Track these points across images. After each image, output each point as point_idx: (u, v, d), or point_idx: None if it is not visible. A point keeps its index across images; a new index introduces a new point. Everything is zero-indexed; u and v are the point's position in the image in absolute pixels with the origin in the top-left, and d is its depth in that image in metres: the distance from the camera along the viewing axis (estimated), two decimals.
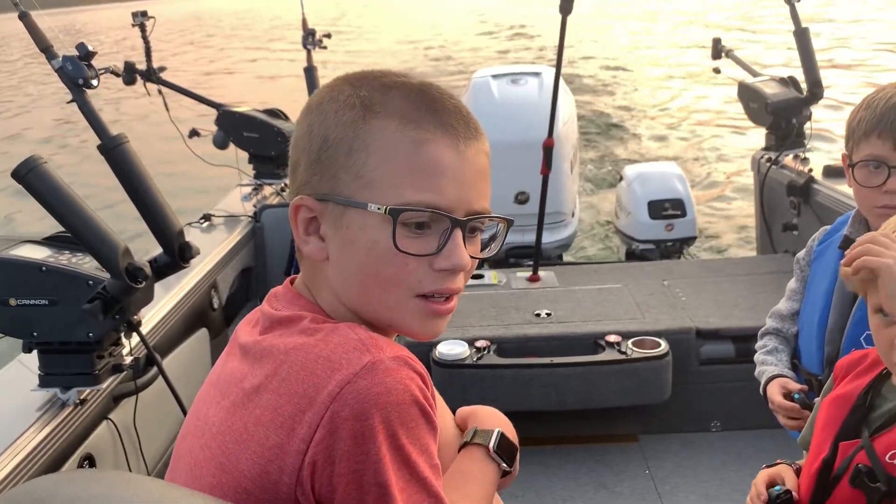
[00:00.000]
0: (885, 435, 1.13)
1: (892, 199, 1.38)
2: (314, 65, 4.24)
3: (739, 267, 3.50)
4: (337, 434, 0.80)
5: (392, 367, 0.83)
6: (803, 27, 3.68)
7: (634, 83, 14.38)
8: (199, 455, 0.90)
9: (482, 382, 2.71)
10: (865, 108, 1.41)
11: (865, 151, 1.40)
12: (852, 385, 1.23)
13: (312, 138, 0.93)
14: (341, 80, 0.96)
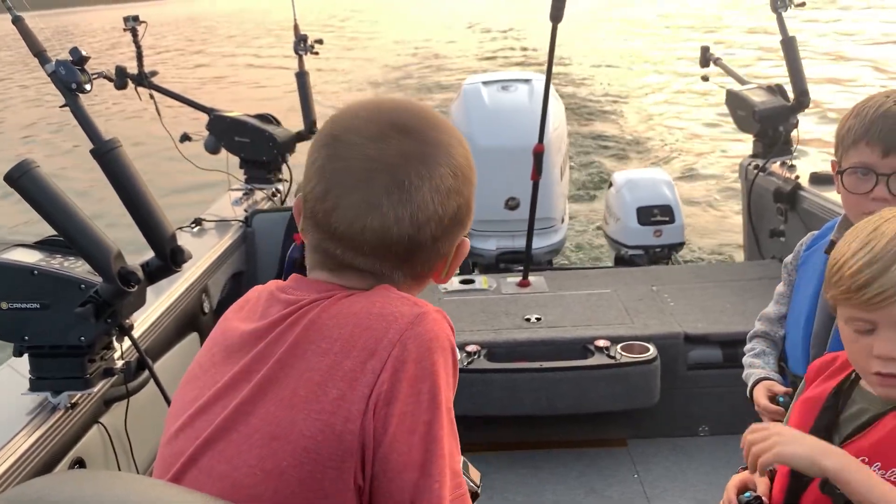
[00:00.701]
0: (856, 441, 1.13)
1: (879, 206, 1.40)
2: (306, 70, 4.25)
3: (727, 272, 3.54)
4: (397, 376, 0.87)
5: (437, 317, 0.93)
6: (790, 36, 3.73)
7: (624, 90, 14.46)
8: (225, 438, 0.91)
9: (472, 387, 2.73)
10: (855, 115, 1.43)
11: (854, 159, 1.42)
12: (822, 387, 1.24)
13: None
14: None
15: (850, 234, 1.13)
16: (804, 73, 3.71)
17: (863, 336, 1.10)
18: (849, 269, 1.08)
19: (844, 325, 1.13)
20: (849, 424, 1.17)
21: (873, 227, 1.10)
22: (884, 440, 1.10)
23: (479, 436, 2.94)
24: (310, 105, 4.23)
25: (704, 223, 6.97)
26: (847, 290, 1.08)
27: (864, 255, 1.07)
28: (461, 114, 4.54)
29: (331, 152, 0.96)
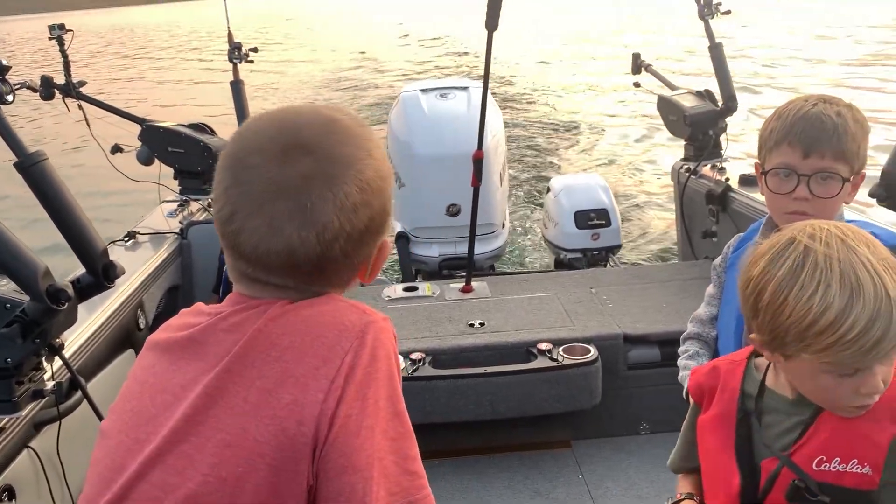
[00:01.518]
0: (804, 444, 1.14)
1: (801, 205, 1.45)
2: (241, 79, 4.19)
3: (663, 273, 3.63)
4: (348, 381, 0.90)
5: (385, 325, 0.97)
6: (717, 42, 3.85)
7: (561, 96, 14.70)
8: (174, 451, 0.91)
9: (418, 395, 2.72)
10: (777, 118, 1.48)
11: (776, 160, 1.47)
12: (723, 401, 1.23)
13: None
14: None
15: (802, 281, 1.02)
16: (731, 78, 3.84)
17: (845, 381, 1.06)
18: (850, 332, 0.99)
19: (819, 375, 1.07)
20: (781, 432, 1.17)
21: (838, 272, 1.01)
22: (834, 436, 1.11)
23: (423, 444, 2.93)
24: (245, 114, 4.17)
25: (640, 226, 7.14)
26: (854, 353, 1.01)
27: (862, 313, 0.99)
28: (400, 122, 4.55)
29: (233, 175, 0.96)
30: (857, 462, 1.10)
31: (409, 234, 4.49)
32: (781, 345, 1.07)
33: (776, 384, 1.20)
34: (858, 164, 1.44)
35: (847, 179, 1.44)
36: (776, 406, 1.18)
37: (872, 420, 1.10)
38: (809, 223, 1.10)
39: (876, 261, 1.02)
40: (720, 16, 3.88)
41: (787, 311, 1.03)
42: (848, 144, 1.41)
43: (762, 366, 1.23)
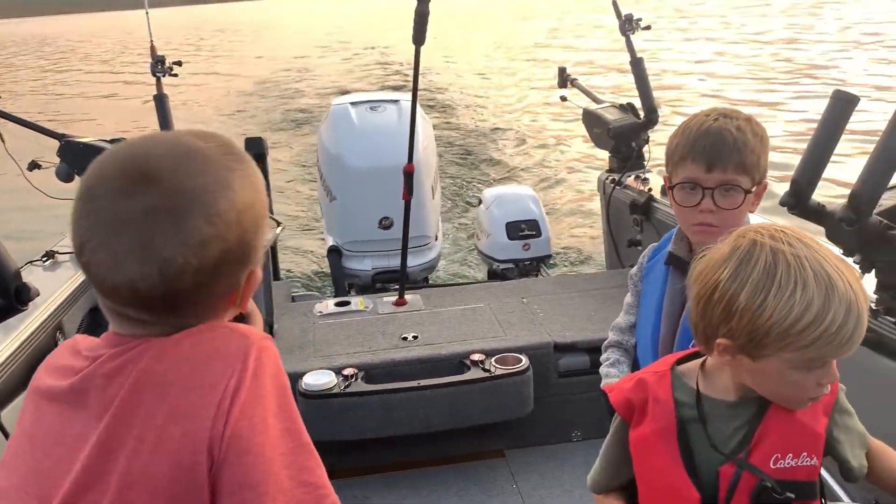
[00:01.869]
0: (756, 448, 1.15)
1: (707, 217, 1.51)
2: (164, 93, 4.10)
3: (591, 282, 3.71)
4: (234, 404, 0.91)
5: (265, 345, 0.98)
6: (638, 57, 3.97)
7: (492, 108, 14.89)
8: (81, 500, 0.92)
9: (351, 411, 2.71)
10: (680, 134, 1.54)
11: (682, 174, 1.53)
12: (659, 415, 1.23)
13: None
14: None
15: (777, 285, 1.05)
16: (652, 92, 3.97)
17: (811, 373, 1.10)
18: (832, 326, 1.04)
19: (789, 372, 1.10)
20: (725, 437, 1.18)
21: (811, 272, 1.05)
22: (782, 433, 1.15)
23: (357, 459, 2.92)
24: (170, 128, 4.07)
25: (570, 236, 7.28)
26: (837, 345, 1.05)
27: (840, 308, 1.04)
28: (330, 135, 4.53)
29: (82, 205, 0.95)
30: (806, 455, 1.15)
31: (341, 248, 4.47)
32: (759, 346, 1.08)
33: (710, 389, 1.21)
34: (759, 175, 1.51)
35: (749, 190, 1.50)
36: (715, 411, 1.19)
37: (810, 412, 1.16)
38: (759, 227, 1.13)
39: (832, 256, 1.09)
40: (640, 31, 4.01)
41: (768, 312, 1.05)
42: (748, 157, 1.48)
43: (689, 373, 1.25)
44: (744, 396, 1.18)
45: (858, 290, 1.07)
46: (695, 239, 1.56)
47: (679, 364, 1.27)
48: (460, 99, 16.02)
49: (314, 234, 7.43)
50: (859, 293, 1.06)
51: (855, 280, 1.07)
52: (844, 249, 2.04)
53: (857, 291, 1.06)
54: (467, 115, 14.18)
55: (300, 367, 2.86)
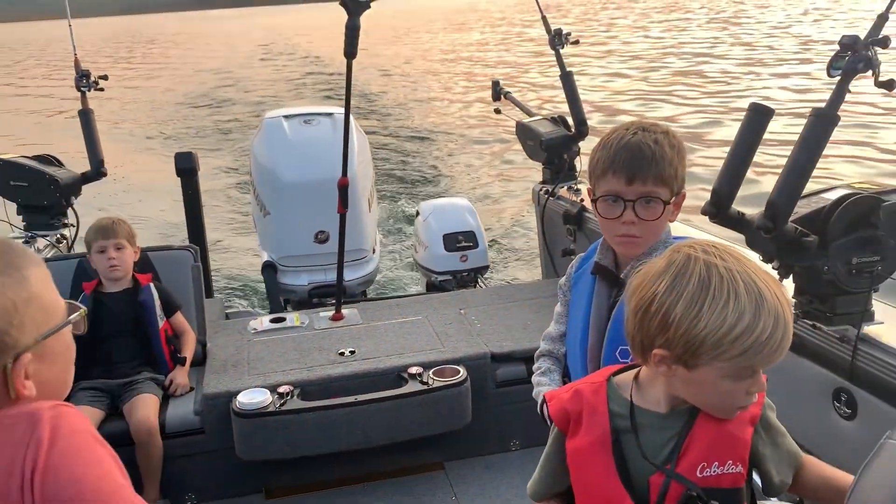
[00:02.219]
0: (684, 458, 1.19)
1: (629, 228, 1.55)
2: (90, 107, 3.99)
3: (527, 292, 3.75)
4: (34, 479, 0.94)
5: (58, 412, 1.00)
6: (568, 71, 4.05)
7: (428, 121, 14.95)
8: None
9: (286, 429, 2.67)
10: (601, 148, 1.58)
11: (604, 187, 1.56)
12: (595, 425, 1.25)
13: None
14: None
15: (711, 297, 1.09)
16: (582, 105, 4.05)
17: (742, 381, 1.14)
18: (762, 335, 1.08)
19: (721, 381, 1.13)
20: (656, 447, 1.21)
21: (740, 284, 1.09)
22: (709, 442, 1.18)
23: (293, 478, 2.87)
24: (96, 144, 3.97)
25: (507, 246, 7.36)
26: (768, 353, 1.09)
27: (769, 319, 1.08)
28: (263, 149, 4.47)
29: None
30: (732, 462, 1.19)
31: (276, 263, 4.41)
32: (694, 355, 1.12)
33: (643, 401, 1.24)
34: (678, 186, 1.56)
35: (668, 201, 1.55)
36: (647, 422, 1.23)
37: (737, 422, 1.20)
38: (692, 242, 1.17)
39: (760, 270, 1.13)
40: (570, 45, 4.10)
41: (703, 323, 1.09)
42: (666, 169, 1.52)
43: (623, 385, 1.27)
44: (674, 408, 1.22)
45: (785, 301, 1.11)
46: (619, 250, 1.60)
47: (615, 376, 1.30)
48: (396, 112, 16.05)
49: (248, 250, 7.31)
50: (785, 304, 1.11)
51: (781, 292, 1.13)
52: (763, 256, 2.13)
53: (784, 303, 1.11)
54: (403, 127, 14.21)
55: (234, 386, 2.81)
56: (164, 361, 2.99)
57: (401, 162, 11.29)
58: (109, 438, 3.01)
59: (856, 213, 2.05)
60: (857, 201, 2.05)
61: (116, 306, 2.98)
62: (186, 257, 3.28)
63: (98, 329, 2.94)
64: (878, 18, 1.98)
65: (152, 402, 2.79)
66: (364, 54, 3.39)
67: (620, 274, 1.59)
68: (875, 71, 1.92)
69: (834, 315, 2.12)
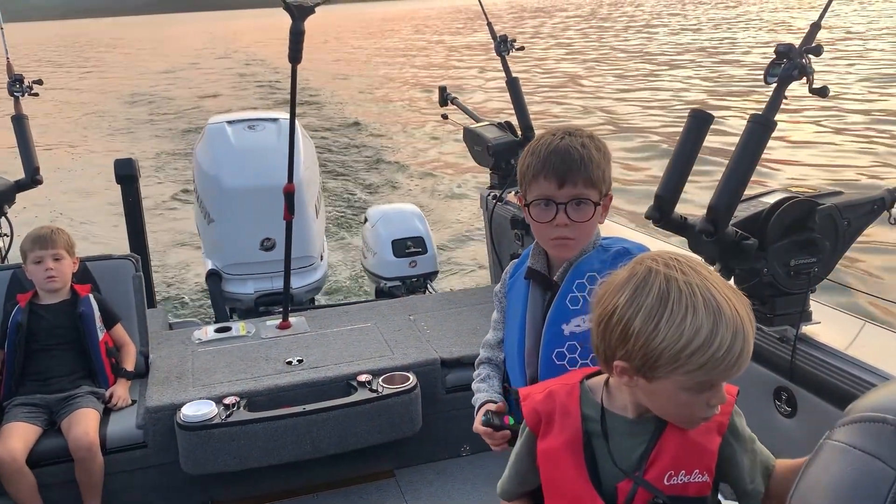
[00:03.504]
0: (652, 465, 1.20)
1: (562, 231, 1.57)
2: (24, 113, 3.85)
3: (476, 297, 3.76)
4: None
5: None
6: (514, 77, 4.08)
7: (377, 126, 14.90)
8: None
9: (233, 441, 2.61)
10: (530, 154, 1.60)
11: (536, 192, 1.58)
12: (567, 427, 1.26)
13: None
14: None
15: (668, 310, 1.09)
16: (528, 110, 4.08)
17: (701, 394, 1.14)
18: (720, 350, 1.07)
19: (680, 393, 1.14)
20: (625, 452, 1.22)
21: (700, 298, 1.09)
22: (677, 451, 1.20)
23: (241, 491, 2.82)
24: (30, 151, 3.83)
25: (456, 251, 7.37)
26: (725, 368, 1.09)
27: (726, 333, 1.07)
28: (206, 155, 4.38)
29: None
30: (699, 471, 1.20)
31: (220, 272, 4.32)
32: (652, 368, 1.12)
33: (612, 405, 1.25)
34: (605, 188, 1.60)
35: (598, 203, 1.58)
36: (616, 427, 1.24)
37: (704, 431, 1.21)
38: (655, 254, 1.18)
39: (723, 284, 1.12)
40: (515, 52, 4.12)
41: (661, 337, 1.09)
42: (594, 171, 1.56)
43: (595, 388, 1.28)
44: (641, 415, 1.23)
45: (746, 315, 1.11)
46: (553, 253, 1.63)
47: (589, 378, 1.31)
48: (344, 117, 15.95)
49: (192, 258, 7.17)
50: (745, 319, 1.10)
51: (742, 306, 1.12)
52: (706, 259, 2.17)
53: (745, 317, 1.11)
54: (352, 133, 14.13)
55: (178, 399, 2.74)
56: (104, 375, 2.90)
57: (349, 168, 11.22)
58: (47, 455, 2.93)
59: (793, 217, 2.11)
60: (794, 205, 2.12)
61: (54, 318, 2.88)
62: (127, 267, 3.19)
63: (34, 342, 2.84)
64: (812, 27, 2.05)
65: (92, 417, 2.70)
66: (312, 60, 3.36)
67: (553, 277, 1.62)
68: (809, 78, 1.98)
69: (774, 316, 2.17)
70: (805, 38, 2.01)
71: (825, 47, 2.01)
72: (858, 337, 2.13)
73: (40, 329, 2.85)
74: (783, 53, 1.97)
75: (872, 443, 0.66)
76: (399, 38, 38.45)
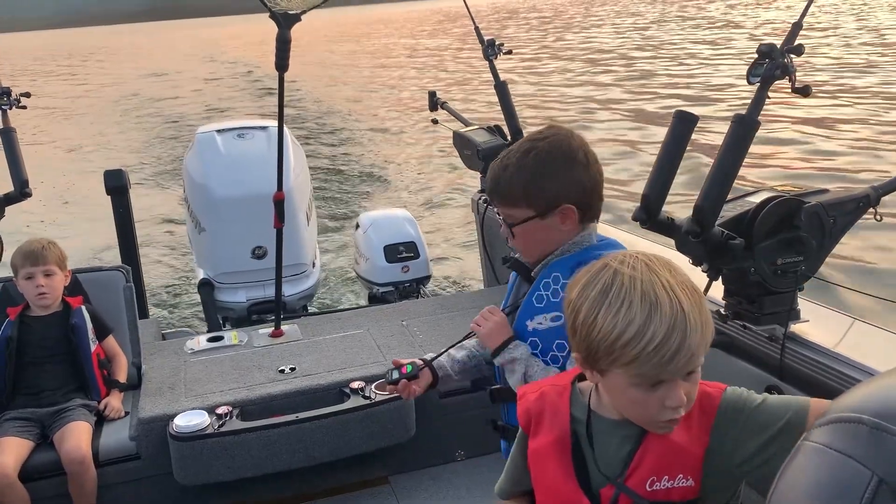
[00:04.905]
0: (635, 471, 1.19)
1: (512, 244, 1.74)
2: (11, 126, 3.84)
3: (469, 300, 3.76)
4: None
5: None
6: (502, 81, 4.09)
7: (367, 132, 14.90)
8: None
9: (226, 451, 2.60)
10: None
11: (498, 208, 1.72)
12: (555, 427, 1.27)
13: None
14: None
15: (608, 302, 1.11)
16: (516, 114, 4.09)
17: (652, 393, 1.12)
18: (651, 344, 1.07)
19: (628, 388, 1.13)
20: (610, 455, 1.22)
21: (639, 290, 1.10)
22: (660, 455, 1.18)
23: (234, 501, 2.81)
24: (19, 163, 3.81)
25: (448, 256, 7.37)
26: (657, 363, 1.08)
27: (660, 326, 1.07)
28: (196, 164, 4.38)
29: None
30: (683, 476, 1.18)
31: (212, 281, 4.32)
32: (595, 360, 1.14)
33: (599, 407, 1.25)
34: (544, 202, 1.64)
35: (528, 218, 1.65)
36: (603, 429, 1.23)
37: (688, 434, 1.18)
38: (617, 253, 1.20)
39: (675, 282, 1.12)
40: (503, 56, 4.13)
41: (598, 328, 1.11)
42: (511, 191, 1.65)
43: (586, 389, 1.28)
44: (625, 416, 1.22)
45: (691, 311, 1.09)
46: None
47: (582, 379, 1.31)
48: (334, 123, 15.95)
49: (184, 268, 7.15)
50: (690, 315, 1.09)
51: (691, 303, 1.10)
52: (693, 260, 2.18)
53: (689, 313, 1.09)
54: (342, 139, 14.14)
55: (170, 409, 2.73)
56: (96, 387, 2.89)
57: (340, 174, 11.22)
58: (39, 469, 2.92)
59: (779, 216, 2.12)
60: (780, 204, 2.12)
61: (45, 331, 2.87)
62: (118, 278, 3.19)
63: (25, 355, 2.83)
64: (793, 27, 2.06)
65: (84, 430, 2.69)
66: (300, 67, 3.36)
67: (532, 272, 1.74)
68: (791, 77, 1.99)
69: (762, 315, 2.18)
70: (787, 38, 2.02)
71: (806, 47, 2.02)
72: (847, 334, 2.14)
73: (31, 342, 2.84)
74: (765, 53, 1.98)
75: (849, 443, 0.66)
76: (381, 41, 38.50)
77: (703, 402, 1.20)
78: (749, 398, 1.21)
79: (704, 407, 1.20)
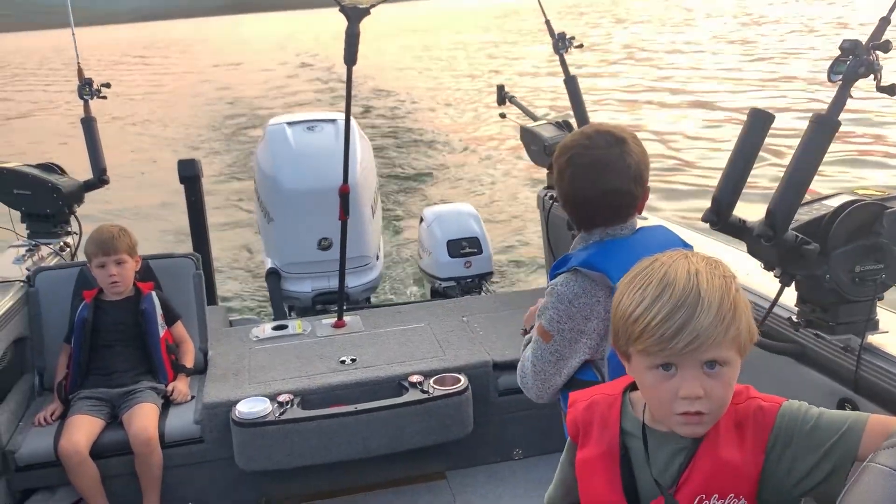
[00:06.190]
0: (684, 485, 1.15)
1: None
2: (92, 115, 4.00)
3: (531, 298, 3.69)
4: None
5: None
6: (572, 75, 4.02)
7: (434, 125, 14.94)
8: None
9: (286, 438, 2.65)
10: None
11: None
12: (604, 439, 1.25)
13: None
14: None
15: (633, 284, 1.14)
16: (586, 109, 4.02)
17: (666, 380, 1.11)
18: (654, 319, 1.08)
19: (646, 372, 1.13)
20: (661, 468, 1.19)
21: (661, 273, 1.12)
22: (712, 471, 1.14)
23: (293, 488, 2.86)
24: (98, 152, 3.97)
25: (512, 252, 7.32)
26: (658, 339, 1.08)
27: (667, 303, 1.08)
28: (266, 156, 4.47)
29: None
30: (734, 496, 1.14)
31: (279, 270, 4.40)
32: (619, 343, 1.17)
33: (651, 420, 1.22)
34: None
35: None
36: (655, 442, 1.20)
37: (742, 451, 1.14)
38: (681, 250, 1.21)
39: (705, 269, 1.11)
40: (574, 50, 4.07)
41: (621, 307, 1.15)
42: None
43: (637, 400, 1.26)
44: (655, 416, 1.20)
45: (710, 296, 1.08)
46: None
47: (633, 389, 1.28)
48: (404, 117, 16.05)
49: (253, 257, 7.32)
50: (709, 298, 1.08)
51: (716, 290, 1.09)
52: (765, 264, 2.10)
53: (706, 297, 1.08)
54: (410, 133, 14.20)
55: (234, 395, 2.80)
56: (164, 371, 2.98)
57: (407, 167, 11.28)
58: (109, 448, 3.03)
59: (858, 221, 2.01)
60: (860, 208, 2.02)
61: (117, 315, 2.98)
62: (188, 265, 3.28)
63: (98, 337, 2.94)
64: (881, 22, 1.95)
65: (152, 412, 2.78)
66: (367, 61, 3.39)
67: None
68: (877, 75, 1.88)
69: (837, 324, 2.08)
70: (873, 34, 1.92)
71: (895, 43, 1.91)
72: None
73: (104, 325, 2.96)
74: (849, 50, 1.88)
75: None
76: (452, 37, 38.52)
77: (757, 417, 1.15)
78: (807, 413, 1.16)
79: (759, 422, 1.15)
